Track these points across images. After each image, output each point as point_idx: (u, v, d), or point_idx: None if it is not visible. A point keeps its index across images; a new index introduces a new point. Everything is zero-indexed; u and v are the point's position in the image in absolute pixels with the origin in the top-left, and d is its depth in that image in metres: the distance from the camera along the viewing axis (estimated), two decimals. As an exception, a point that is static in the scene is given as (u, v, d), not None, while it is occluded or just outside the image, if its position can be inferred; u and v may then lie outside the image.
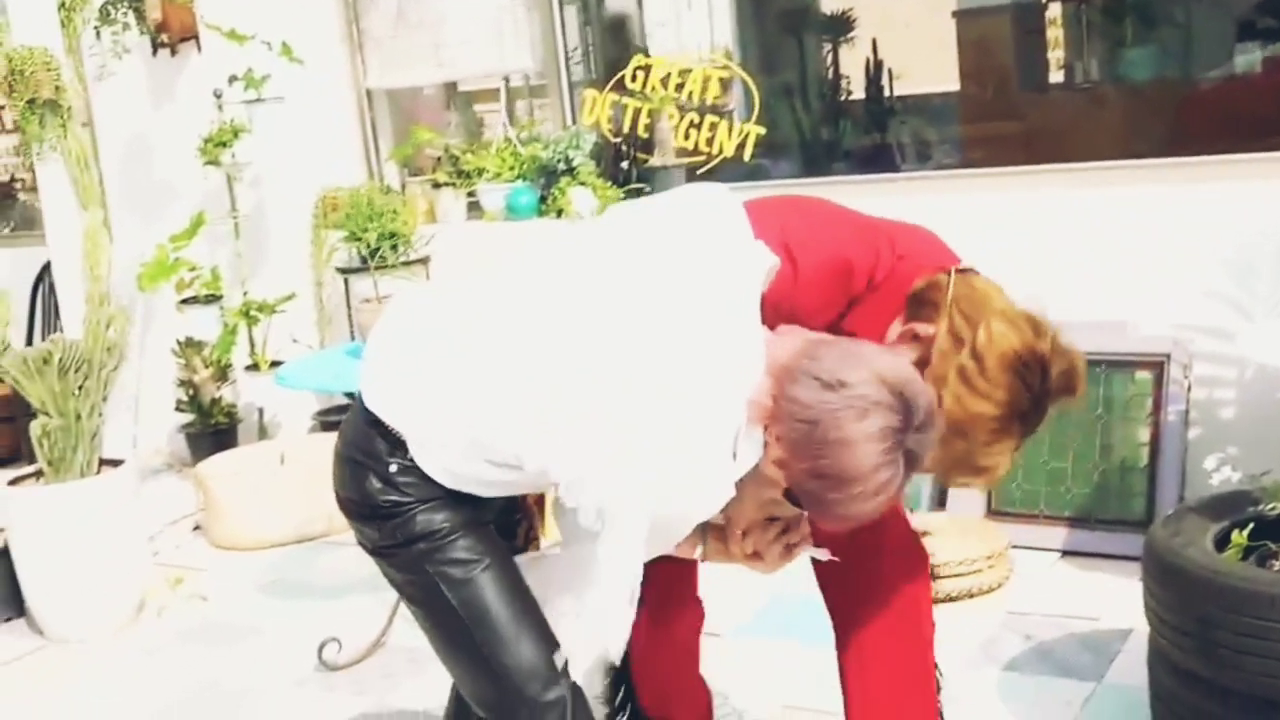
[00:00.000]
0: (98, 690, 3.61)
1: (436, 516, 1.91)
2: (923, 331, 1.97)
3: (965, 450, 1.92)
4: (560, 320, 1.84)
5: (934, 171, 5.64)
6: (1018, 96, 6.34)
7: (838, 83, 6.86)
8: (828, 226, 2.04)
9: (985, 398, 1.90)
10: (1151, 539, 2.67)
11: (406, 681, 3.41)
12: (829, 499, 1.74)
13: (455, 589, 1.92)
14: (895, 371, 1.75)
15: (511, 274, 1.96)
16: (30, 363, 3.83)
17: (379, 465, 1.90)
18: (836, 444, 1.70)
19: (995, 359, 1.90)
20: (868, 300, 2.02)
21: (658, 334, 1.77)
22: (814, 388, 1.71)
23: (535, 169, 4.92)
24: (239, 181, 5.10)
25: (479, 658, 1.93)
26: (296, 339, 5.01)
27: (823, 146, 6.70)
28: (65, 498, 3.89)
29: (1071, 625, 3.38)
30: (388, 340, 1.99)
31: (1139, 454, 3.79)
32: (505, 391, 1.83)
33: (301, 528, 4.56)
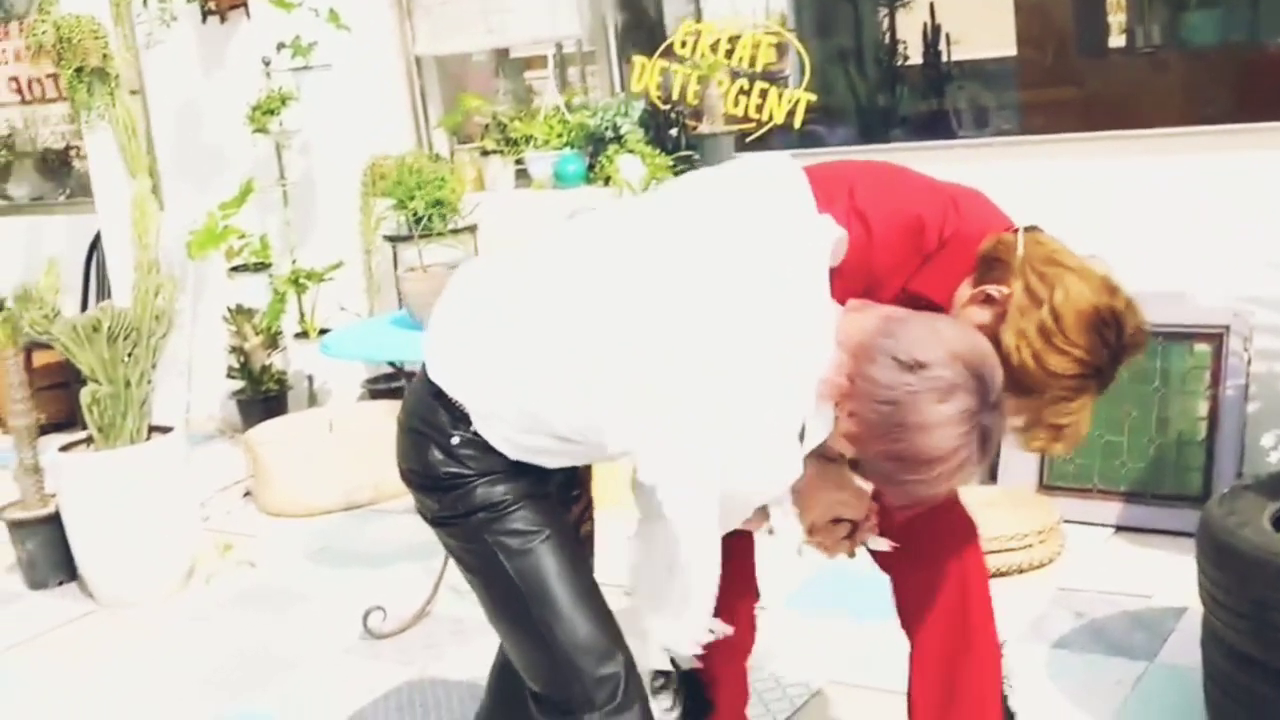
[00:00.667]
0: (147, 655, 3.64)
1: (497, 489, 1.90)
2: (997, 293, 1.95)
3: (1042, 410, 1.91)
4: (609, 292, 1.82)
5: (992, 138, 5.55)
6: (1077, 62, 6.22)
7: (894, 48, 6.76)
8: (895, 185, 2.04)
9: (1064, 354, 1.89)
10: (1206, 517, 2.61)
11: (450, 651, 3.41)
12: (904, 480, 1.72)
13: (513, 559, 1.91)
14: (972, 349, 1.73)
15: (566, 244, 1.94)
16: (80, 330, 3.85)
17: (441, 437, 1.90)
18: (916, 427, 1.68)
19: (1074, 316, 1.89)
20: (936, 259, 2.00)
21: (710, 307, 1.74)
22: (892, 368, 1.69)
23: (583, 137, 4.88)
24: (288, 149, 5.10)
25: (534, 629, 1.92)
26: (344, 307, 5.02)
27: (879, 113, 6.62)
28: (115, 464, 3.92)
29: (1124, 603, 3.32)
30: (449, 310, 1.98)
31: (1196, 428, 3.71)
32: (553, 363, 1.82)
33: (350, 495, 4.58)
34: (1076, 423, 1.93)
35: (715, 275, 1.76)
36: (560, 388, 1.81)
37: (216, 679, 3.44)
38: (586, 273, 1.86)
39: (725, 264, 1.77)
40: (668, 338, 1.74)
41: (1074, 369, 1.90)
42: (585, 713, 1.93)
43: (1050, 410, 1.91)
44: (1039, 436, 1.94)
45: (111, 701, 3.39)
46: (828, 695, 3.04)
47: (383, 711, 3.18)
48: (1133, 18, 6.24)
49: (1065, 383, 1.90)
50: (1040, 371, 1.89)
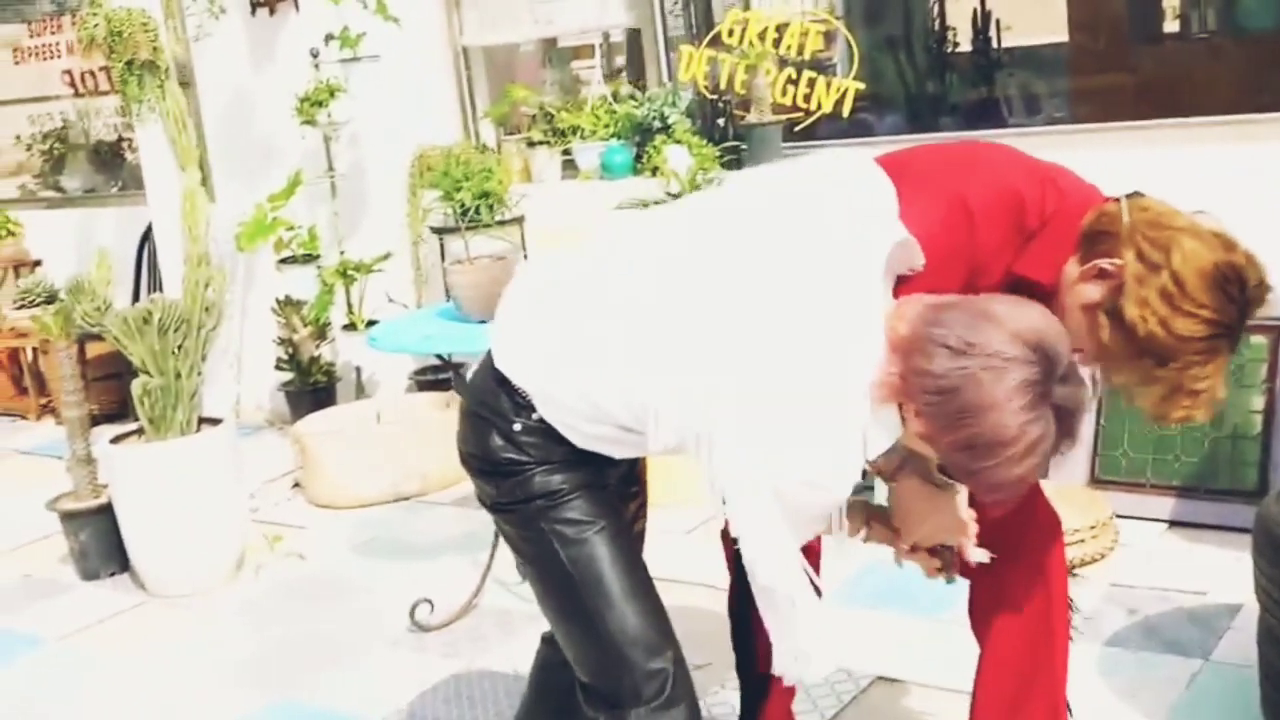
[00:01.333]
0: (196, 645, 3.67)
1: (555, 478, 1.92)
2: (1110, 265, 1.90)
3: (1177, 377, 1.86)
4: (669, 286, 1.82)
5: (1043, 126, 5.49)
6: (1130, 48, 6.14)
7: (944, 34, 6.70)
8: (990, 164, 2.01)
9: (1192, 316, 1.84)
10: (1263, 513, 2.56)
11: (496, 645, 3.41)
12: (982, 468, 1.66)
13: (568, 547, 1.92)
14: (1028, 322, 1.67)
15: (632, 236, 1.95)
16: (131, 322, 3.88)
17: (503, 422, 1.91)
18: (978, 409, 1.62)
19: (1195, 276, 1.84)
20: (1039, 239, 1.96)
21: (766, 309, 1.73)
22: (943, 356, 1.64)
23: (630, 127, 4.87)
24: (336, 141, 5.11)
25: (585, 619, 1.93)
26: (392, 299, 5.03)
27: (928, 101, 6.56)
28: (165, 456, 3.96)
29: (1178, 599, 3.27)
30: (516, 298, 2.00)
31: (1252, 421, 3.65)
32: (614, 352, 1.82)
33: (397, 486, 4.60)
34: (1213, 386, 1.89)
35: (774, 277, 1.75)
36: (619, 377, 1.82)
37: (264, 670, 3.46)
38: (650, 265, 1.86)
39: (785, 267, 1.76)
40: (722, 337, 1.73)
41: (1204, 330, 1.85)
42: (632, 706, 1.93)
43: (1187, 376, 1.86)
44: (1180, 405, 1.89)
45: (160, 691, 3.41)
46: (875, 691, 3.02)
47: (430, 704, 3.18)
48: (1187, 2, 6.15)
49: (1197, 345, 1.85)
50: (1170, 338, 1.84)
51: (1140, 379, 1.88)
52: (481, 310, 3.43)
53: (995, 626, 2.27)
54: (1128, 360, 1.88)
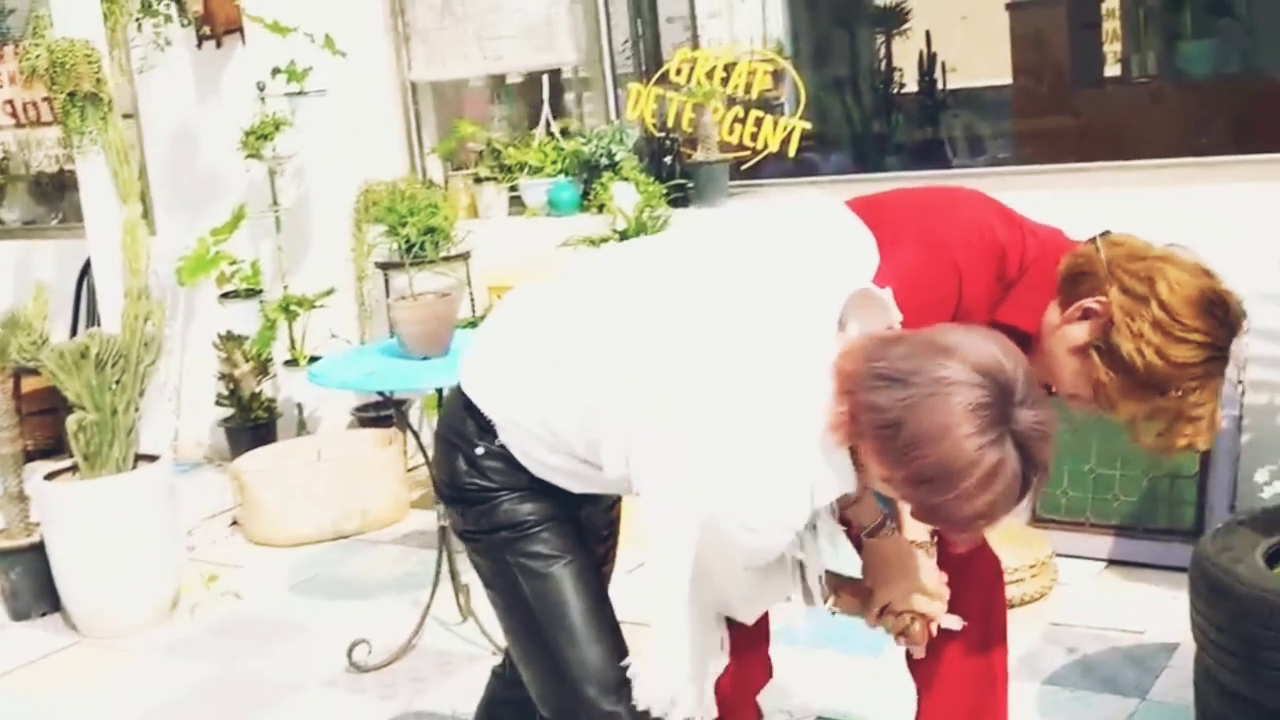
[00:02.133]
0: (127, 688, 3.59)
1: (523, 507, 1.91)
2: (1096, 304, 1.91)
3: (1178, 405, 1.87)
4: (627, 317, 1.81)
5: (987, 168, 5.54)
6: (1073, 91, 6.22)
7: (891, 76, 6.77)
8: (970, 213, 2.02)
9: (1186, 343, 1.86)
10: (1200, 553, 2.58)
11: (435, 686, 3.37)
12: (942, 502, 1.59)
13: (532, 580, 1.91)
14: (979, 348, 1.60)
15: (606, 270, 1.95)
16: (67, 356, 3.82)
17: (467, 447, 1.91)
18: (926, 438, 1.55)
19: (1184, 304, 1.86)
20: (1020, 286, 1.98)
21: (717, 348, 1.71)
22: (887, 388, 1.58)
23: (577, 164, 4.87)
24: (281, 175, 5.08)
25: (547, 653, 1.92)
26: (335, 334, 4.99)
27: (874, 140, 6.62)
28: (100, 493, 3.89)
29: (1116, 639, 3.29)
30: (488, 327, 2.01)
31: (1189, 461, 3.68)
32: (569, 379, 1.82)
33: (337, 524, 4.54)
34: (1213, 410, 1.90)
35: (729, 320, 1.73)
36: (575, 405, 1.81)
37: (195, 713, 3.40)
38: (615, 298, 1.86)
39: (740, 310, 1.73)
40: (672, 375, 1.72)
41: (1200, 355, 1.86)
42: None
43: (1187, 404, 1.87)
44: (1183, 433, 1.90)
45: (92, 734, 3.35)
46: (815, 732, 3.01)
47: (365, 746, 3.14)
48: (1128, 47, 6.25)
49: (1194, 371, 1.87)
50: (1169, 366, 1.85)
51: (1144, 412, 1.89)
52: (424, 347, 3.41)
53: (937, 670, 2.25)
54: (1127, 395, 1.89)
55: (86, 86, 3.89)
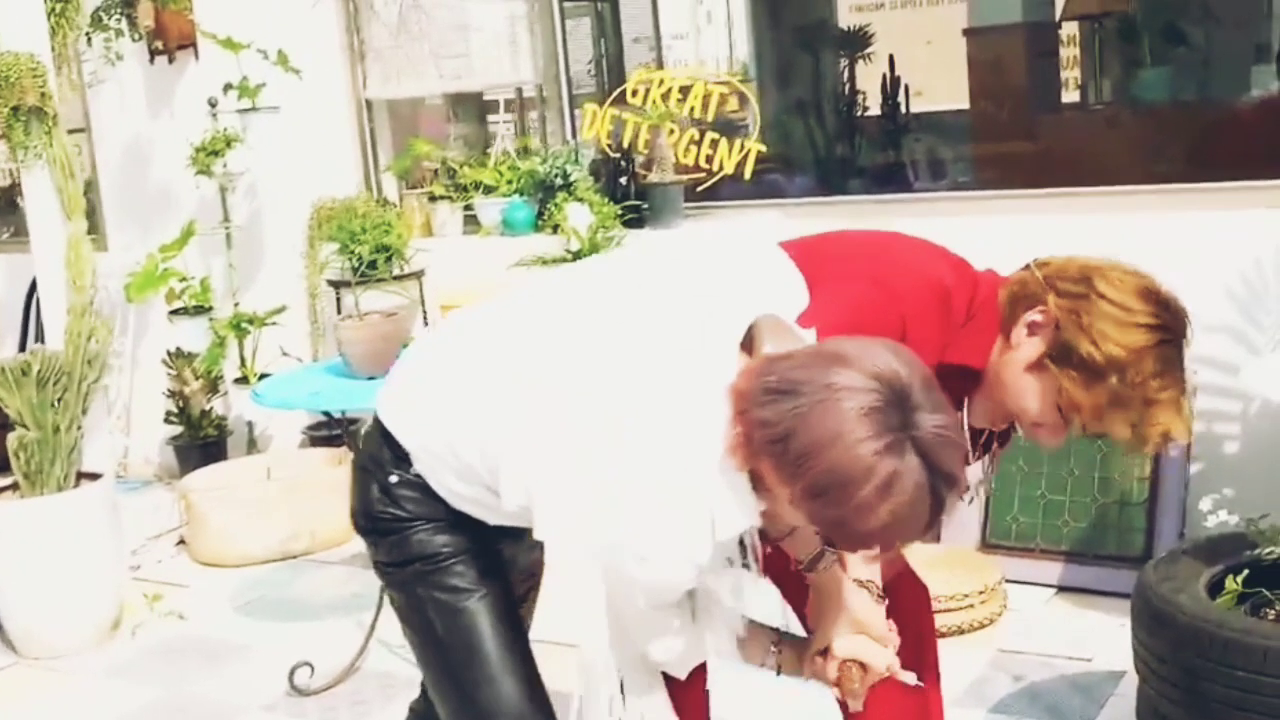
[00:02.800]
0: (64, 710, 3.54)
1: (437, 539, 1.86)
2: (1039, 315, 1.91)
3: (1142, 393, 1.86)
4: (533, 349, 1.77)
5: (948, 192, 5.56)
6: (1030, 117, 6.26)
7: (854, 99, 6.79)
8: (913, 257, 2.01)
9: (1138, 327, 1.86)
10: (1142, 582, 2.58)
11: (377, 710, 3.33)
12: (842, 517, 1.51)
13: (444, 615, 1.86)
14: (868, 354, 1.55)
15: (518, 298, 1.91)
16: (8, 373, 3.76)
17: (381, 475, 1.86)
18: (817, 446, 1.49)
19: (1126, 292, 1.88)
20: (970, 327, 1.98)
21: (617, 373, 1.67)
22: (774, 401, 1.53)
23: (532, 184, 4.85)
24: (233, 192, 5.03)
25: (458, 688, 1.87)
26: (287, 353, 4.94)
27: (836, 163, 6.63)
28: (40, 512, 3.83)
29: (1063, 666, 3.28)
30: (407, 355, 1.98)
31: (1138, 488, 3.68)
32: (474, 403, 1.78)
33: (286, 544, 4.49)
34: (1177, 398, 1.89)
35: (631, 345, 1.69)
36: (478, 429, 1.77)
37: (134, 736, 3.35)
38: (522, 326, 1.83)
39: (645, 334, 1.70)
40: (567, 396, 1.68)
41: (1153, 338, 1.86)
42: None
43: (1151, 388, 1.86)
44: (1156, 422, 1.88)
45: (25, 759, 3.29)
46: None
47: (304, 772, 3.09)
48: (1085, 73, 6.30)
49: (1151, 355, 1.86)
50: (1124, 351, 1.85)
51: (1109, 402, 1.87)
52: (370, 366, 3.37)
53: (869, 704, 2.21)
54: (1090, 390, 1.87)
55: (31, 100, 3.84)
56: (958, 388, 1.94)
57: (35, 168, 3.98)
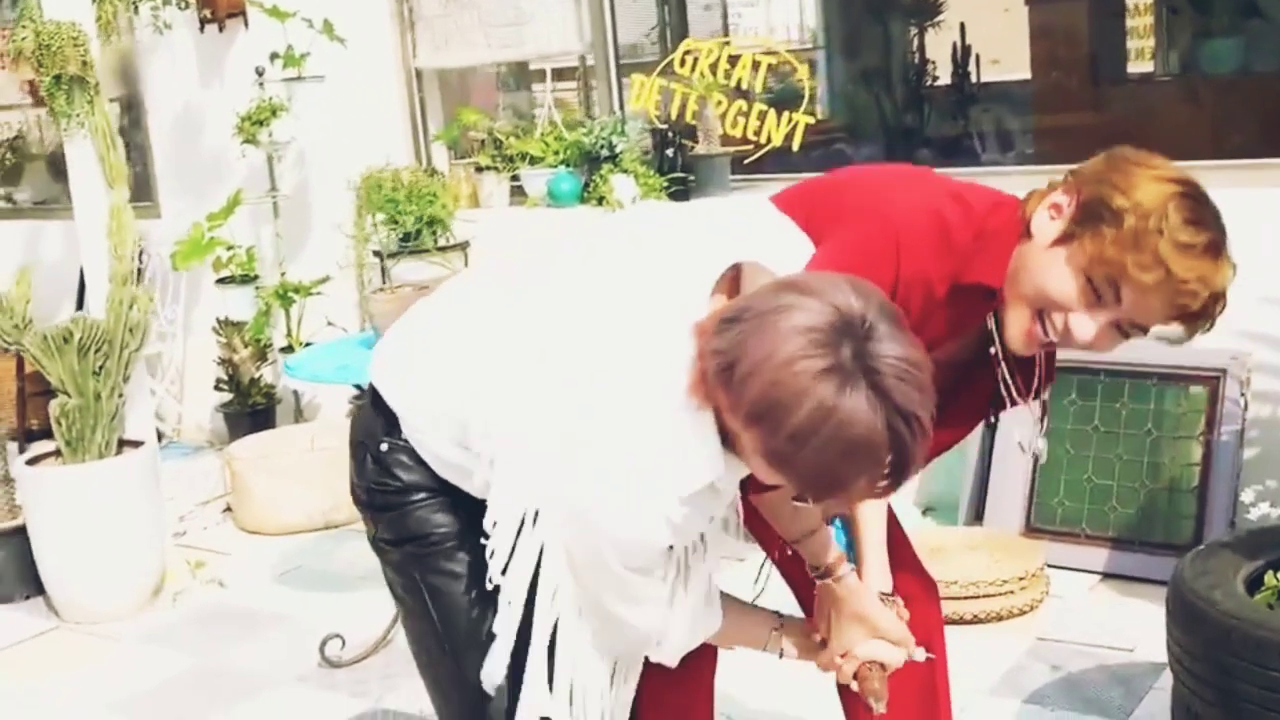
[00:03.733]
0: (100, 675, 3.57)
1: (435, 517, 1.81)
2: (1060, 196, 1.79)
3: (1174, 237, 1.71)
4: (520, 299, 1.73)
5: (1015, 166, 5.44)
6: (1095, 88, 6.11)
7: (923, 68, 6.67)
8: (911, 189, 1.87)
9: (1162, 180, 1.74)
10: (1177, 575, 2.48)
11: (405, 683, 3.31)
12: (781, 447, 1.43)
13: (437, 600, 1.82)
14: (822, 281, 1.48)
15: (508, 268, 1.86)
16: (50, 341, 3.79)
17: (373, 445, 1.82)
18: (755, 366, 1.42)
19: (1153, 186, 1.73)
20: (987, 246, 1.83)
21: (594, 334, 1.62)
22: (724, 330, 1.47)
23: (579, 154, 4.80)
24: (280, 161, 5.03)
25: (445, 675, 1.85)
26: (332, 323, 4.95)
27: (903, 134, 6.52)
28: (82, 479, 3.86)
29: (1103, 656, 3.20)
30: (403, 319, 1.92)
31: (1189, 474, 3.58)
32: (460, 367, 1.74)
33: (328, 514, 4.49)
34: (1217, 242, 1.76)
35: (608, 310, 1.63)
36: (460, 392, 1.72)
37: (163, 706, 3.37)
38: (511, 289, 1.78)
39: (622, 298, 1.64)
40: (543, 356, 1.64)
41: (1176, 189, 1.74)
42: None
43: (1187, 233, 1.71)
44: (1192, 270, 1.72)
45: (60, 724, 3.32)
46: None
47: (330, 745, 3.10)
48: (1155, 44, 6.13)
49: (1175, 203, 1.72)
50: (1159, 200, 1.72)
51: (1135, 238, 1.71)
52: (401, 340, 3.35)
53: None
54: (1121, 243, 1.72)
55: (73, 69, 3.85)
56: (982, 308, 1.87)
57: (77, 136, 4.00)
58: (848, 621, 1.89)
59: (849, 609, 1.89)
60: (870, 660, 1.88)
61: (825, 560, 1.93)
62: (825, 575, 1.92)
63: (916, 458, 1.45)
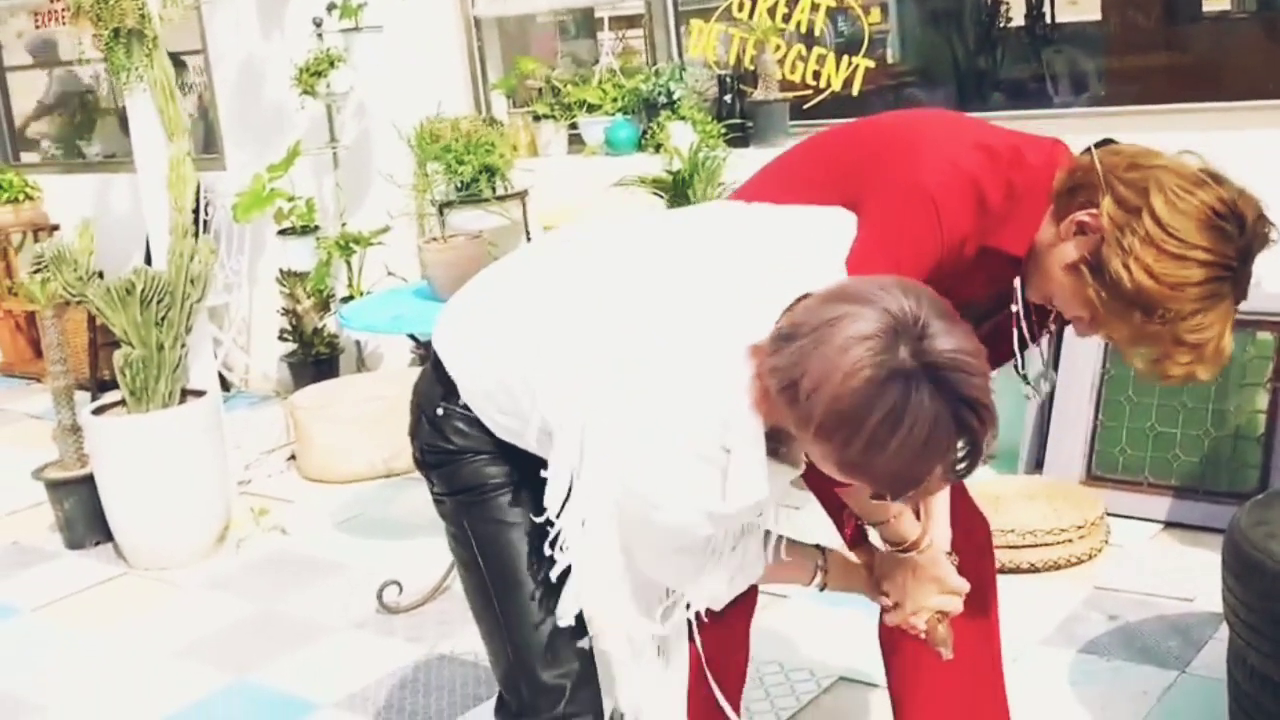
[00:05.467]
0: (164, 621, 3.64)
1: (488, 469, 1.83)
2: (1088, 217, 1.73)
3: (1173, 330, 1.68)
4: (588, 291, 1.73)
5: (1088, 108, 5.31)
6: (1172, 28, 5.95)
7: (996, 7, 6.52)
8: (936, 148, 1.81)
9: (1182, 260, 1.65)
10: (1234, 525, 2.43)
11: (460, 630, 3.34)
12: (857, 456, 1.46)
13: (486, 547, 1.85)
14: (870, 289, 1.48)
15: (586, 235, 1.87)
16: (113, 292, 3.85)
17: (430, 408, 1.85)
18: (819, 382, 1.44)
19: (1181, 216, 1.65)
20: (1017, 211, 1.80)
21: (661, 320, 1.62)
22: (780, 348, 1.48)
23: (636, 102, 4.76)
24: (340, 112, 5.05)
25: (495, 621, 1.87)
26: (392, 272, 4.97)
27: (974, 76, 6.39)
28: (146, 428, 3.93)
29: (1162, 606, 3.15)
30: (470, 284, 1.94)
31: (1255, 422, 3.50)
32: (521, 335, 1.75)
33: (389, 463, 4.54)
34: (1218, 337, 1.70)
35: (678, 300, 1.64)
36: (523, 361, 1.73)
37: (226, 649, 3.43)
38: (580, 265, 1.79)
39: (694, 292, 1.64)
40: (610, 337, 1.65)
41: (1199, 274, 1.66)
42: (528, 718, 1.87)
43: (1184, 328, 1.68)
44: (1178, 361, 1.71)
45: (118, 668, 3.39)
46: (837, 692, 2.92)
47: (386, 690, 3.14)
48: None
49: (1193, 292, 1.66)
50: (1160, 286, 1.66)
51: (1131, 334, 1.72)
52: (453, 289, 3.32)
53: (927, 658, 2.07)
54: (1118, 316, 1.71)
55: (130, 23, 3.88)
56: (1009, 271, 1.85)
57: (137, 90, 4.03)
58: (924, 583, 1.94)
59: (928, 574, 1.94)
60: (937, 611, 1.94)
61: (909, 538, 1.95)
62: (909, 549, 1.95)
63: (988, 443, 1.48)
